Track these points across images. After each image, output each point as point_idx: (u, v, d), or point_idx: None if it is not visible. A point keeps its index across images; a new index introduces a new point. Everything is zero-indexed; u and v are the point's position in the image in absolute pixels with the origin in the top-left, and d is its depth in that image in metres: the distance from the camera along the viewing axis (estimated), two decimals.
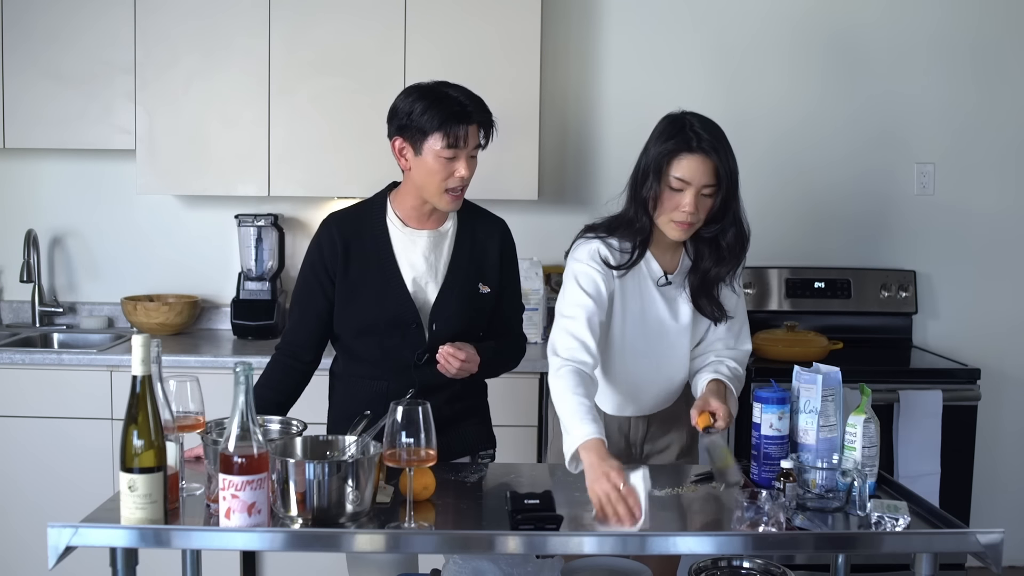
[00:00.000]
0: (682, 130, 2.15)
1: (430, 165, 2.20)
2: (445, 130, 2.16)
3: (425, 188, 2.24)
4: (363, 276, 2.29)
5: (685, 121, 2.17)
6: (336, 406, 2.43)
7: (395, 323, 2.29)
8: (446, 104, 2.18)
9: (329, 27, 3.43)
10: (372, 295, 2.29)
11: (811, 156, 3.87)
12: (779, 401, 2.05)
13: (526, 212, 3.62)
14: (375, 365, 2.32)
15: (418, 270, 2.30)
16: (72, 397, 3.27)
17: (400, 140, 2.23)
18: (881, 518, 1.81)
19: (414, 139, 2.20)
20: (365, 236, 2.31)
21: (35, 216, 3.84)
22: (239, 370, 1.70)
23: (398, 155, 2.26)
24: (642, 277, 2.26)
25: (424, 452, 1.79)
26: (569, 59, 3.81)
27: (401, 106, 2.23)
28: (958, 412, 3.36)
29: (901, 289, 3.82)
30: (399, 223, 2.32)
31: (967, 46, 3.85)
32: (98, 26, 3.45)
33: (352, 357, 2.37)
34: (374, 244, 2.30)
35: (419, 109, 2.18)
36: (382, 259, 2.30)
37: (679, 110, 2.23)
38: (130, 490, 1.68)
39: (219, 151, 3.47)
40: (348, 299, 2.30)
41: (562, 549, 1.78)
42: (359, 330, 2.32)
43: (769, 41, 3.83)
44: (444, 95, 2.20)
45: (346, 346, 2.37)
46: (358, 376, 2.36)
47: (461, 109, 2.18)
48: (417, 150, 2.21)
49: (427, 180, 2.22)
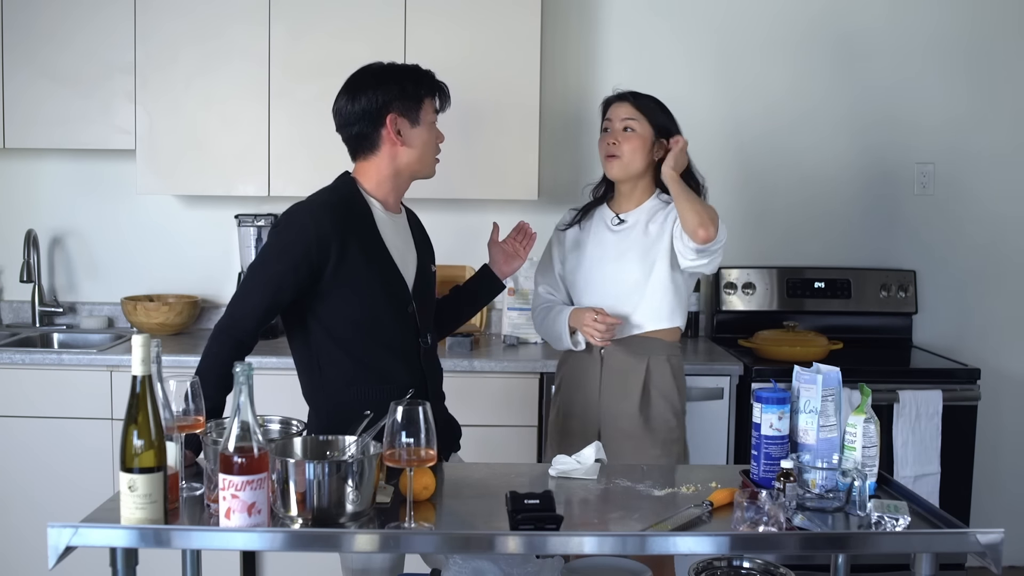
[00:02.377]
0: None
1: (427, 134, 2.30)
2: (434, 93, 2.31)
3: (422, 158, 2.32)
4: (365, 266, 2.24)
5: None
6: (346, 420, 2.08)
7: (397, 309, 2.30)
8: (420, 72, 2.31)
9: (329, 27, 3.43)
10: (378, 284, 2.26)
11: (811, 156, 3.87)
12: (779, 401, 2.05)
13: (526, 212, 3.61)
14: (376, 360, 2.27)
15: (399, 254, 2.33)
16: (72, 397, 3.27)
17: (395, 116, 2.26)
18: (881, 518, 1.81)
19: (409, 110, 2.27)
20: (358, 225, 2.26)
21: (35, 216, 3.84)
22: (239, 370, 1.70)
23: (391, 134, 2.27)
24: (597, 223, 2.70)
25: (424, 452, 1.79)
26: (569, 58, 3.81)
27: (383, 85, 2.26)
28: (958, 412, 3.37)
29: (901, 289, 3.82)
30: (380, 208, 2.32)
31: (968, 46, 3.86)
32: (98, 26, 3.45)
33: (353, 360, 2.27)
34: (368, 232, 2.27)
35: (408, 80, 2.27)
36: (378, 246, 2.28)
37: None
38: (130, 490, 1.68)
39: (219, 151, 3.47)
40: (348, 292, 2.23)
41: (562, 549, 1.78)
42: (363, 323, 2.25)
43: (769, 41, 3.83)
44: (409, 66, 2.33)
45: (347, 348, 2.26)
46: (358, 381, 2.27)
47: (432, 75, 2.33)
48: (414, 121, 2.28)
49: (425, 149, 2.31)
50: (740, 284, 3.80)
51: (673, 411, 2.65)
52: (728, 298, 3.80)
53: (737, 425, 3.32)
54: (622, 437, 2.62)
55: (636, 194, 2.66)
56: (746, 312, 3.79)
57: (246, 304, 2.24)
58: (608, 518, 1.95)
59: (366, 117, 2.27)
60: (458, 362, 3.28)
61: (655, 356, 2.63)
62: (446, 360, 3.27)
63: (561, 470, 2.16)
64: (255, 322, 2.23)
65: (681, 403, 2.68)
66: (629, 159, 2.59)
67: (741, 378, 3.32)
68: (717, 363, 3.34)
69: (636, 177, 2.64)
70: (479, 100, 3.45)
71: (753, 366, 3.32)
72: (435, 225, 3.52)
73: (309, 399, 2.36)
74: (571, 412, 2.71)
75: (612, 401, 2.65)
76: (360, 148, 2.33)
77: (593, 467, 2.17)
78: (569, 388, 2.72)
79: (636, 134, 2.58)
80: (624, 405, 2.63)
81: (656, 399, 2.64)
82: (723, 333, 3.80)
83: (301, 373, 2.36)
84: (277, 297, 2.22)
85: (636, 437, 2.62)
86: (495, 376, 3.29)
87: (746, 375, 3.32)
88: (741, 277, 3.81)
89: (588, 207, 2.76)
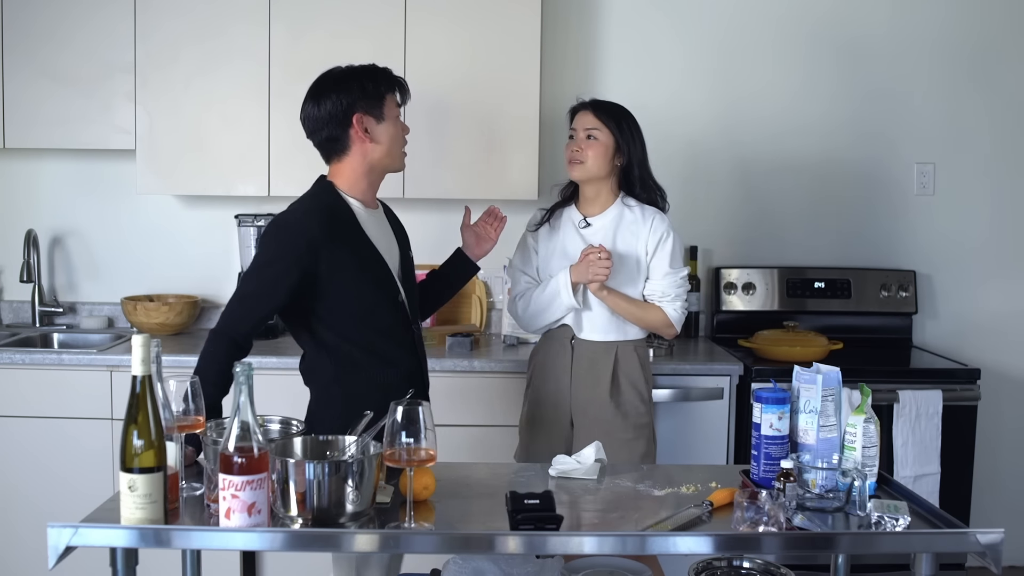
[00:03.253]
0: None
1: (392, 128, 2.40)
2: (395, 89, 2.41)
3: (391, 152, 2.41)
4: (356, 263, 2.35)
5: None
6: (354, 404, 2.19)
7: (389, 299, 2.40)
8: (378, 70, 2.40)
9: (329, 27, 3.42)
10: (370, 279, 2.37)
11: (811, 156, 3.87)
12: (779, 401, 2.05)
13: (526, 212, 3.61)
14: (381, 348, 2.38)
15: (383, 248, 2.43)
16: (72, 397, 3.26)
17: (360, 115, 2.35)
18: (881, 518, 1.81)
19: (373, 108, 2.36)
20: (344, 227, 2.36)
21: (35, 216, 3.84)
22: (239, 370, 1.70)
23: (359, 133, 2.36)
24: (565, 222, 2.84)
25: (424, 452, 1.79)
26: (569, 59, 3.81)
27: (344, 88, 2.35)
28: (958, 412, 3.36)
29: (901, 289, 3.82)
30: (360, 207, 2.42)
31: (967, 46, 3.85)
32: (98, 25, 3.45)
33: (360, 348, 2.36)
34: (354, 232, 2.37)
35: (368, 80, 2.36)
36: (365, 243, 2.38)
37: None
38: (130, 490, 1.68)
39: (219, 151, 3.47)
40: (343, 289, 2.32)
41: (562, 549, 1.78)
42: (361, 315, 2.35)
43: (769, 42, 3.83)
44: (367, 66, 2.41)
45: (353, 339, 2.36)
46: (367, 366, 2.36)
47: (391, 72, 2.42)
48: (379, 117, 2.37)
49: (393, 143, 2.41)
50: (740, 284, 3.80)
51: (641, 398, 2.78)
52: (728, 298, 3.80)
53: (737, 425, 3.32)
54: (593, 424, 2.73)
55: (601, 198, 2.80)
56: (746, 312, 3.79)
57: (241, 309, 2.33)
58: (608, 518, 1.95)
59: (333, 120, 2.37)
60: (458, 362, 3.28)
61: (623, 346, 2.77)
62: (446, 360, 3.28)
63: (561, 470, 2.17)
64: (251, 326, 2.32)
65: (648, 392, 2.81)
66: (591, 164, 2.74)
67: (741, 378, 3.32)
68: (717, 363, 3.34)
69: (599, 180, 2.78)
70: (479, 99, 3.45)
71: (753, 366, 3.32)
72: (435, 225, 3.55)
73: (320, 391, 2.42)
74: (543, 401, 2.81)
75: (583, 388, 2.76)
76: (332, 151, 2.42)
77: (593, 467, 2.17)
78: (541, 378, 2.83)
79: (599, 141, 2.74)
80: (596, 392, 2.75)
81: (625, 386, 2.76)
82: (723, 333, 3.80)
83: (310, 367, 2.44)
84: (271, 302, 2.32)
85: (607, 422, 2.73)
86: (495, 376, 3.29)
87: (746, 375, 3.32)
88: (741, 277, 3.81)
89: (556, 207, 2.88)
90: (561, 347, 2.79)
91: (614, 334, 2.76)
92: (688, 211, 3.72)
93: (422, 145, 3.47)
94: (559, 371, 2.79)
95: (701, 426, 3.30)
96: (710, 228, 3.85)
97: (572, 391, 2.77)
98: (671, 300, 2.75)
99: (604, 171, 2.75)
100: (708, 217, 3.84)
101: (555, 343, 2.81)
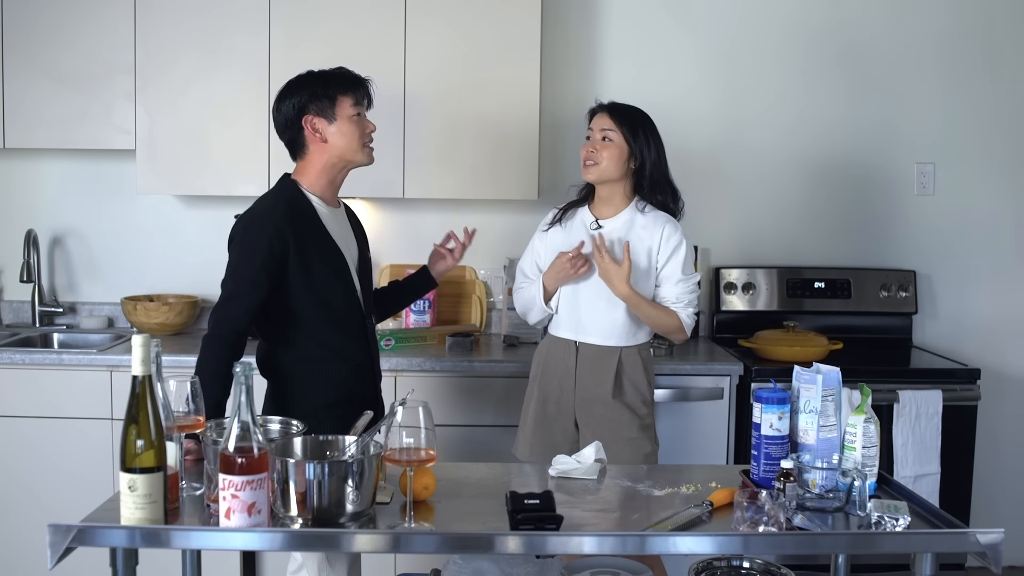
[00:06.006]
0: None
1: (347, 127, 2.47)
2: (351, 91, 2.48)
3: (348, 150, 2.49)
4: (318, 256, 2.45)
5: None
6: (307, 395, 2.47)
7: (346, 292, 2.51)
8: (335, 74, 2.50)
9: (329, 27, 3.42)
10: (330, 272, 2.47)
11: (811, 156, 3.88)
12: (779, 401, 2.05)
13: (526, 212, 3.62)
14: (335, 341, 2.49)
15: (342, 244, 2.53)
16: (72, 397, 3.26)
17: (311, 117, 2.46)
18: (881, 518, 1.81)
19: (324, 109, 2.46)
20: (306, 222, 2.46)
21: (35, 216, 3.84)
22: (239, 370, 1.70)
23: (311, 134, 2.47)
24: (578, 224, 2.84)
25: (424, 452, 1.80)
26: (569, 59, 3.81)
27: (296, 92, 2.47)
28: (958, 412, 3.37)
29: (901, 289, 3.82)
30: (321, 204, 2.52)
31: (967, 47, 3.86)
32: (98, 26, 3.45)
33: (315, 341, 2.47)
34: (315, 227, 2.48)
35: (318, 84, 2.47)
36: (326, 239, 2.49)
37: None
38: (130, 490, 1.68)
39: (219, 151, 3.47)
40: (309, 282, 2.43)
41: (562, 549, 1.78)
42: (319, 307, 2.45)
43: (769, 42, 3.84)
44: (325, 71, 2.50)
45: (309, 331, 2.46)
46: (322, 360, 2.47)
47: (349, 73, 2.51)
48: (331, 118, 2.47)
49: (348, 142, 2.48)
50: (740, 284, 3.80)
51: (643, 399, 2.79)
52: (728, 298, 3.80)
53: (737, 425, 3.33)
54: (599, 423, 2.74)
55: (615, 200, 2.81)
56: (746, 312, 3.79)
57: (230, 308, 2.40)
58: (608, 518, 1.95)
59: (288, 123, 2.50)
60: (458, 362, 3.28)
61: (627, 348, 2.78)
62: (446, 360, 3.28)
63: (561, 470, 2.17)
64: (244, 322, 2.40)
65: (650, 393, 2.82)
66: (605, 166, 2.75)
67: (741, 378, 3.32)
68: (717, 363, 3.34)
69: (613, 182, 2.78)
70: (479, 101, 3.45)
71: (753, 366, 3.33)
72: (436, 225, 3.55)
73: (271, 373, 2.52)
74: (548, 398, 2.83)
75: (587, 388, 2.77)
76: (294, 151, 2.55)
77: (593, 467, 2.18)
78: (546, 376, 2.84)
79: (613, 143, 2.75)
80: (599, 392, 2.76)
81: (628, 387, 2.77)
82: (723, 333, 3.80)
83: (265, 356, 2.53)
84: (257, 295, 2.40)
85: (613, 420, 2.74)
86: (495, 376, 3.29)
87: (746, 375, 3.32)
88: (741, 277, 3.81)
89: (569, 207, 2.90)
90: (566, 347, 2.81)
91: (615, 340, 2.77)
92: (688, 211, 3.68)
93: (422, 146, 3.47)
94: (563, 371, 2.80)
95: (701, 426, 3.30)
96: (710, 228, 3.85)
97: (576, 391, 2.78)
98: (684, 306, 2.76)
99: (618, 173, 2.76)
100: (708, 217, 3.83)
101: (559, 343, 2.83)
